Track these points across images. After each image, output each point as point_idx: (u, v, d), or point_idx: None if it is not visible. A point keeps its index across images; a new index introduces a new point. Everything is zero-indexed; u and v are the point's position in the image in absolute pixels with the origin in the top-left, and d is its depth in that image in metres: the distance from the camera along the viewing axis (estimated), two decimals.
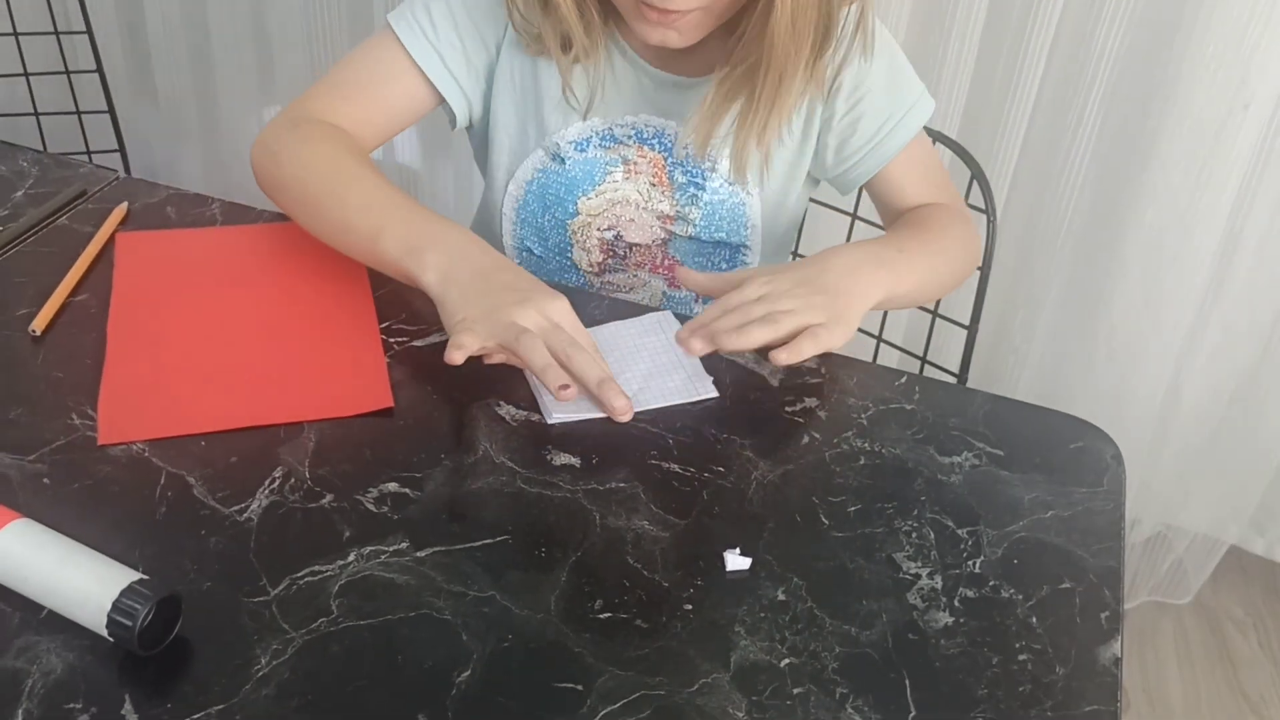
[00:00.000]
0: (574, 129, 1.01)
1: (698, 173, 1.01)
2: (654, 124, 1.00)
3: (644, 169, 1.02)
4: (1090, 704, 0.64)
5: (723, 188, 1.02)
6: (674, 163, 1.01)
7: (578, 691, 0.62)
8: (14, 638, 0.63)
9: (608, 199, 1.03)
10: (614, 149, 1.02)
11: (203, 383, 0.80)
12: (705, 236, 1.05)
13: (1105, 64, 1.37)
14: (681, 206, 1.03)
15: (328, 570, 0.68)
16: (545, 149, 1.02)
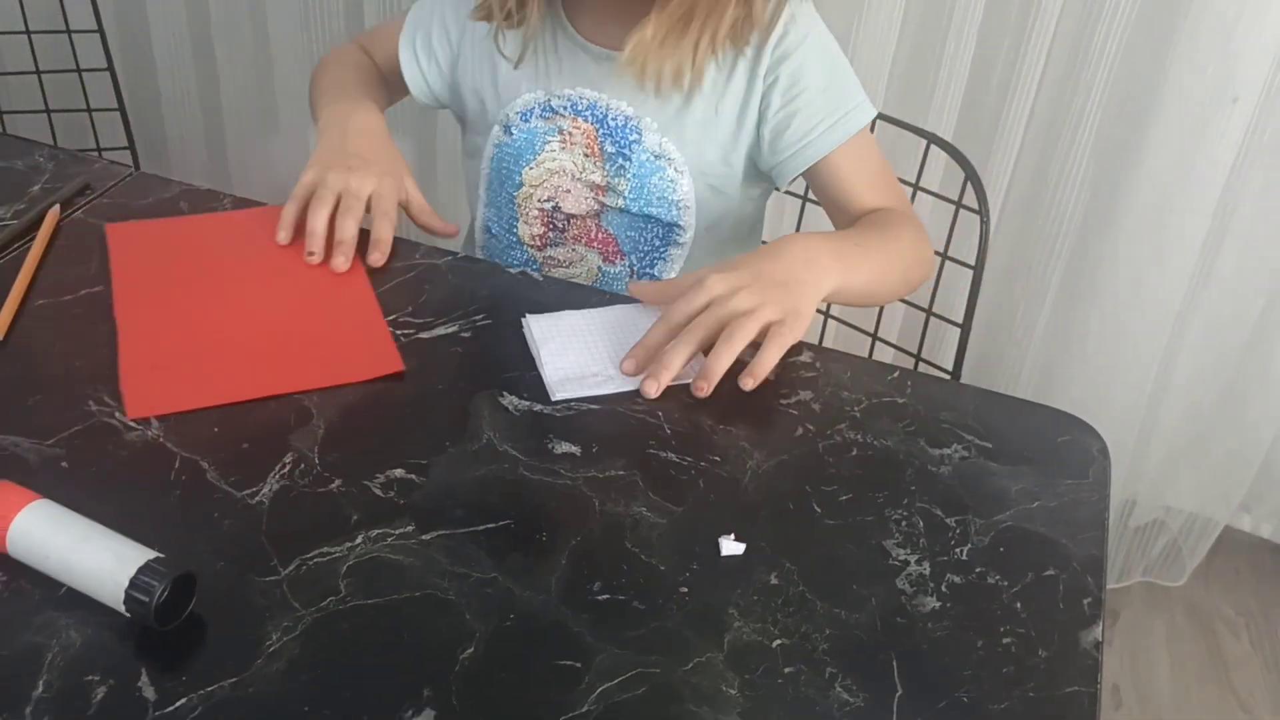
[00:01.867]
0: (520, 100, 1.07)
1: (625, 143, 1.05)
2: (588, 96, 1.05)
3: (578, 139, 1.07)
4: (1071, 685, 0.67)
5: (648, 161, 1.05)
6: (604, 133, 1.06)
7: (576, 669, 0.65)
8: (34, 614, 0.65)
9: (546, 169, 1.09)
10: (552, 119, 1.07)
11: (219, 356, 0.84)
12: (635, 209, 1.08)
13: (1102, 65, 1.40)
14: (611, 177, 1.07)
15: (336, 552, 0.70)
16: (499, 123, 1.09)
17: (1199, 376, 1.66)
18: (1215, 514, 1.80)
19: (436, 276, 0.95)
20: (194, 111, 1.96)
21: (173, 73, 1.93)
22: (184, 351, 0.84)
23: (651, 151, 1.05)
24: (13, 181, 1.01)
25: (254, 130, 1.95)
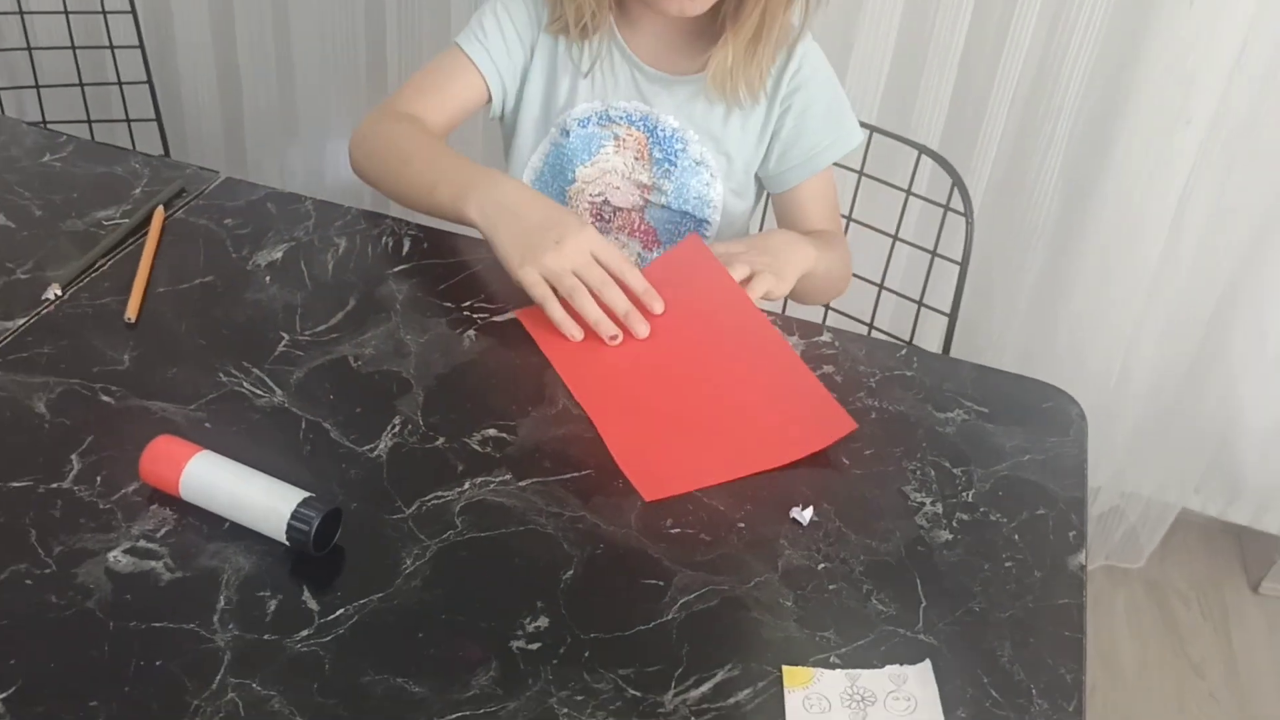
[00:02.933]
0: (579, 109, 1.21)
1: (672, 151, 1.21)
2: (641, 109, 1.20)
3: (630, 145, 1.22)
4: (1062, 598, 0.81)
5: (690, 166, 1.22)
6: (654, 141, 1.21)
7: (660, 586, 0.78)
8: (206, 544, 0.78)
9: (600, 168, 1.23)
10: (608, 126, 1.21)
11: (691, 439, 0.91)
12: (675, 206, 1.24)
13: (1071, 85, 1.55)
14: (658, 179, 1.23)
15: (448, 495, 0.83)
16: (557, 127, 1.22)
17: (1158, 370, 1.80)
18: (1171, 498, 1.95)
19: (501, 269, 1.08)
20: (215, 121, 2.06)
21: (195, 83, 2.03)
22: (660, 433, 0.92)
23: (693, 159, 1.21)
24: (116, 186, 1.13)
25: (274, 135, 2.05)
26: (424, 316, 1.01)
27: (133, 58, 1.76)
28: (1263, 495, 1.93)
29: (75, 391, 0.89)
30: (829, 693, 0.73)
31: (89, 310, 0.97)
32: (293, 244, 1.08)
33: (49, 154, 1.17)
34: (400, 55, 1.88)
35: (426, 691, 0.70)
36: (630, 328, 0.99)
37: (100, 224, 1.07)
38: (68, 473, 0.82)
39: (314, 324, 0.98)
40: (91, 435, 0.85)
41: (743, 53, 1.12)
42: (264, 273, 1.04)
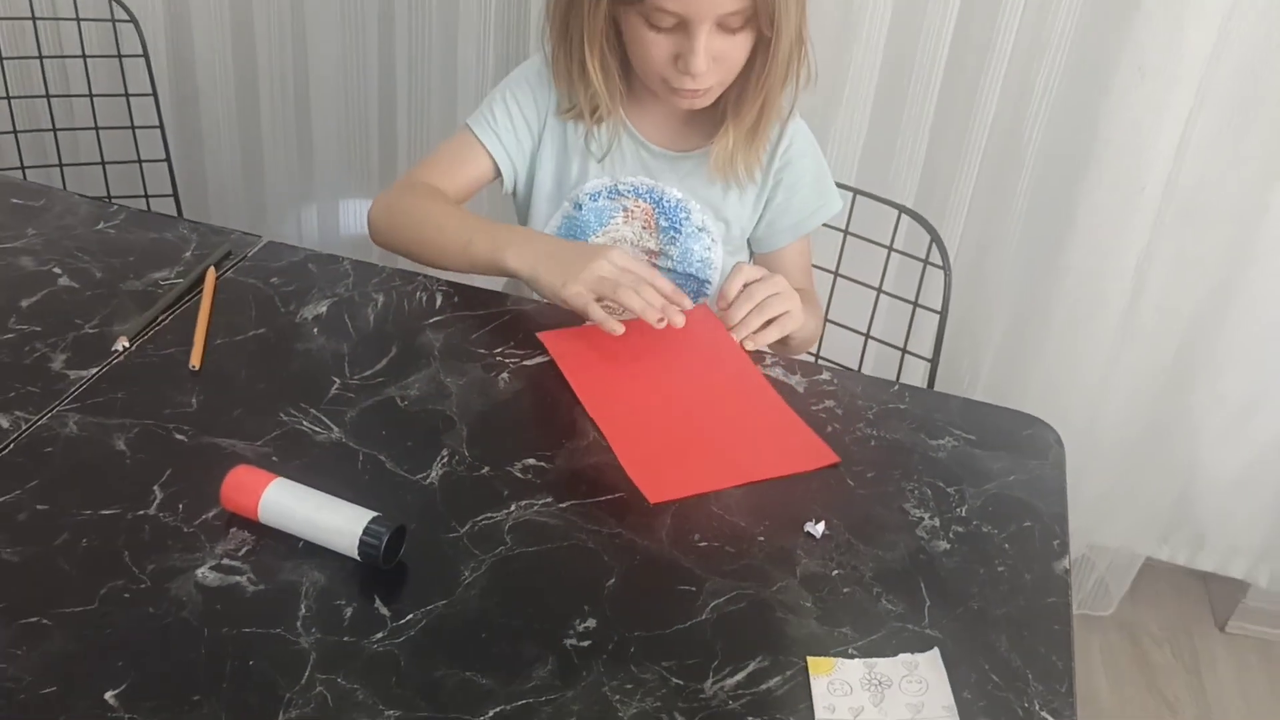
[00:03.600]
0: (590, 184, 1.32)
1: (677, 220, 1.32)
2: (647, 183, 1.31)
3: (638, 215, 1.33)
4: (1050, 597, 0.91)
5: (693, 233, 1.33)
6: (660, 212, 1.32)
7: (692, 591, 0.87)
8: (284, 561, 0.86)
9: (610, 237, 1.34)
10: (617, 199, 1.32)
11: (692, 449, 1.02)
12: (680, 269, 1.35)
13: (1033, 148, 1.67)
14: (664, 245, 1.34)
15: (497, 516, 0.92)
16: (570, 201, 1.33)
17: (1123, 424, 1.90)
18: (1139, 549, 2.04)
19: (525, 318, 1.18)
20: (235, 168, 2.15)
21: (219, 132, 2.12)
22: (663, 445, 1.02)
23: (696, 226, 1.32)
24: (168, 250, 1.23)
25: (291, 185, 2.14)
26: (461, 362, 1.10)
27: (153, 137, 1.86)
28: (1227, 543, 2.01)
29: (151, 431, 0.97)
30: (850, 679, 0.82)
31: (156, 360, 1.06)
32: (335, 300, 1.17)
33: (103, 222, 1.27)
34: (410, 129, 1.98)
35: (493, 684, 0.78)
36: (669, 317, 1.10)
37: (157, 284, 1.17)
38: (152, 501, 0.90)
39: (362, 369, 1.07)
40: (170, 469, 0.93)
41: (743, 139, 1.24)
42: (311, 325, 1.13)
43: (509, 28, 1.83)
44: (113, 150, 1.88)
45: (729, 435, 1.05)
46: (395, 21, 1.89)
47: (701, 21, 1.12)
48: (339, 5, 1.91)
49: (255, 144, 2.10)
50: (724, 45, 1.15)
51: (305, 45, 1.97)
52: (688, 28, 1.13)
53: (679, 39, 1.14)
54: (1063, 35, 1.59)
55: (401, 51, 1.91)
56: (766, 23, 1.14)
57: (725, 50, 1.16)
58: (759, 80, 1.20)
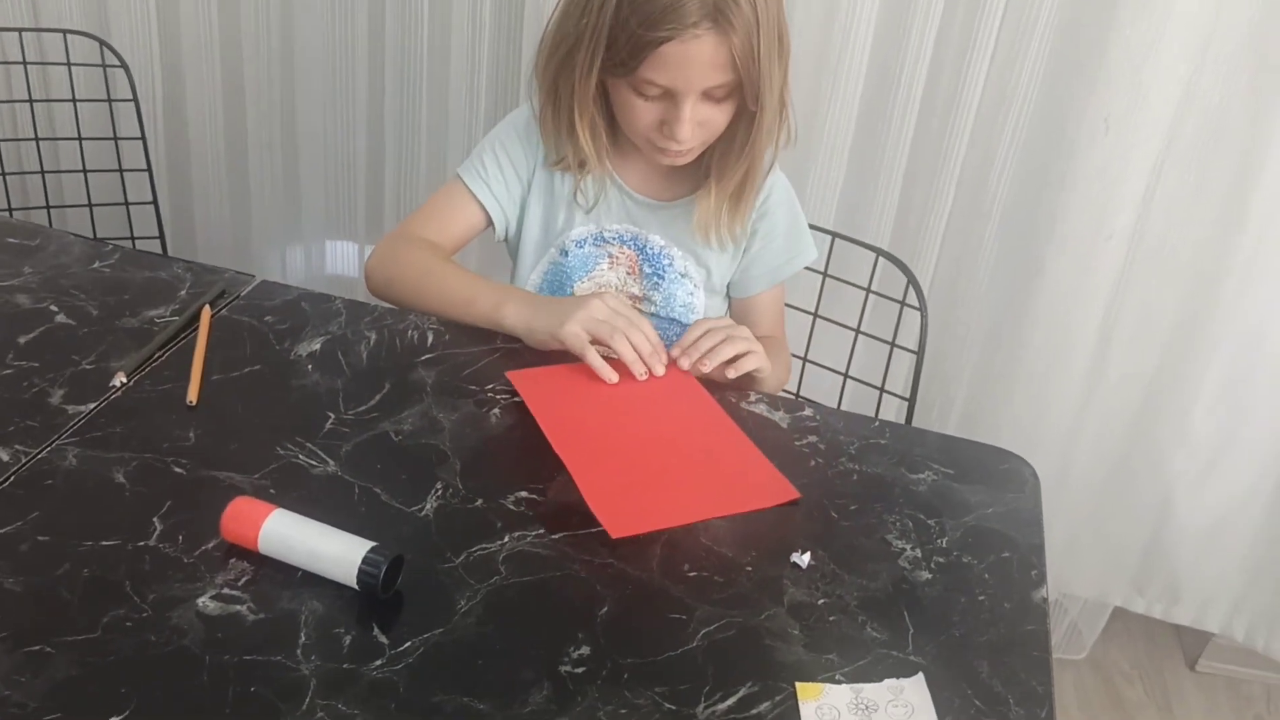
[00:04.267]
0: (576, 231, 1.36)
1: (660, 267, 1.36)
2: (631, 230, 1.36)
3: (622, 262, 1.37)
4: (1029, 625, 0.94)
5: (676, 279, 1.37)
6: (644, 259, 1.36)
7: (683, 619, 0.90)
8: (283, 590, 0.88)
9: (596, 283, 1.38)
10: (602, 246, 1.36)
11: (655, 486, 1.04)
12: (663, 314, 1.38)
13: (1000, 195, 1.72)
14: (648, 291, 1.38)
15: (492, 547, 0.94)
16: (556, 247, 1.37)
17: (1093, 472, 1.93)
18: (1109, 597, 2.06)
19: (516, 355, 1.21)
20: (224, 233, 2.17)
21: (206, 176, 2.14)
22: (627, 480, 1.04)
23: (679, 272, 1.36)
24: (162, 288, 1.25)
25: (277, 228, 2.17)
26: (453, 398, 1.13)
27: (139, 179, 1.88)
28: (1201, 596, 2.03)
29: (150, 464, 0.99)
30: (838, 703, 0.84)
31: (153, 395, 1.08)
32: (329, 337, 1.20)
33: (98, 261, 1.29)
34: (397, 173, 2.02)
35: (490, 708, 0.80)
36: (651, 368, 1.17)
37: (153, 321, 1.18)
38: (152, 533, 0.92)
39: (356, 405, 1.10)
40: (169, 501, 0.95)
41: (726, 204, 1.29)
42: (306, 362, 1.15)
43: (499, 74, 1.87)
44: (98, 193, 1.90)
45: (692, 471, 1.08)
46: (385, 67, 1.93)
47: (688, 94, 1.17)
48: (328, 50, 1.94)
49: (243, 188, 2.13)
50: (709, 113, 1.21)
51: (294, 90, 2.00)
52: (674, 97, 1.18)
53: (665, 106, 1.20)
54: (1029, 87, 1.64)
55: (391, 97, 1.95)
56: (751, 97, 1.19)
57: (709, 117, 1.21)
58: (743, 148, 1.25)
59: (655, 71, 1.16)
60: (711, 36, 1.13)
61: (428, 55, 1.88)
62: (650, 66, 1.16)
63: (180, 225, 2.14)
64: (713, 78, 1.16)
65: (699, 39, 1.13)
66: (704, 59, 1.15)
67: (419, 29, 1.86)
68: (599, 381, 1.16)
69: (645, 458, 1.09)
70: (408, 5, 1.84)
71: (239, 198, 2.14)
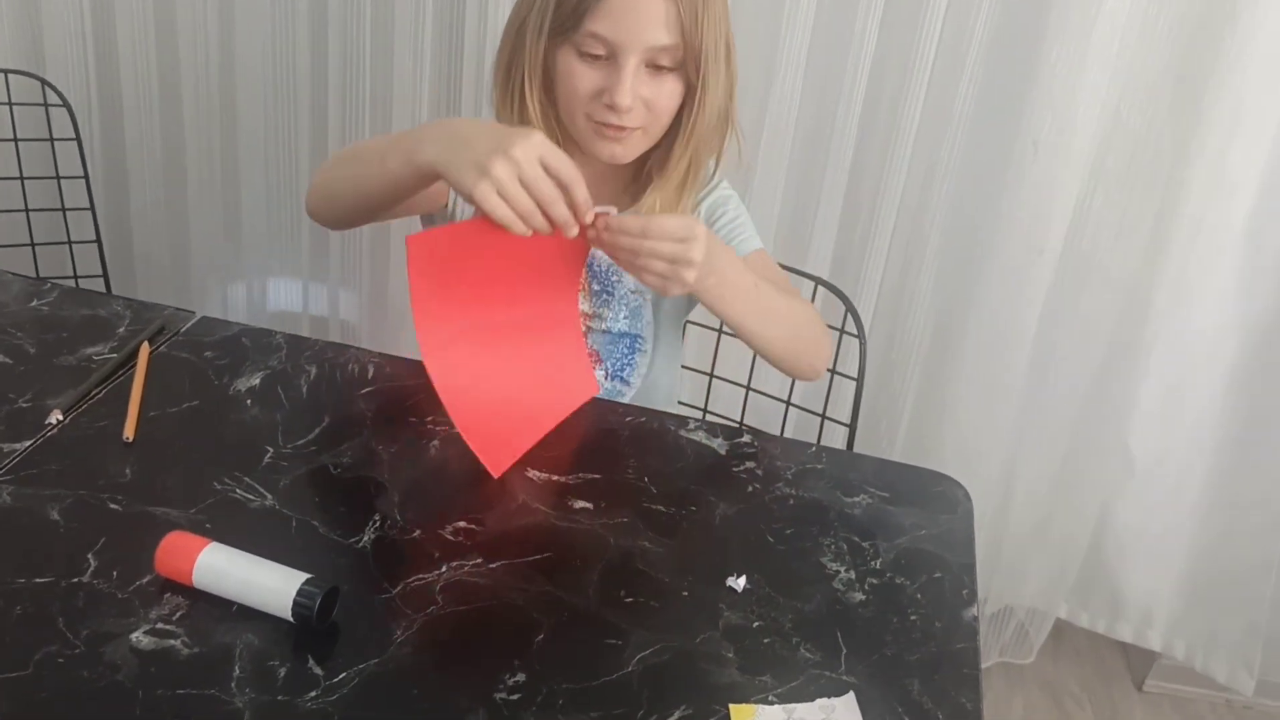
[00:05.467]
0: None
1: (609, 283, 1.35)
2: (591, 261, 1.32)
3: None
4: (960, 643, 0.95)
5: (625, 294, 1.35)
6: (592, 275, 1.34)
7: (618, 645, 0.90)
8: (218, 624, 0.88)
9: None
10: None
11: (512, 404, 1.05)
12: (614, 330, 1.37)
13: (939, 220, 1.76)
14: (597, 309, 1.36)
15: (428, 577, 0.95)
16: None
17: (1033, 485, 1.98)
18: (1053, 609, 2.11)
19: None
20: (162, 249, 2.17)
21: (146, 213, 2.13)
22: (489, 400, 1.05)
23: (628, 287, 1.35)
24: (101, 326, 1.25)
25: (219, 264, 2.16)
26: (392, 430, 1.13)
27: (84, 218, 1.88)
28: (1141, 613, 2.08)
29: (85, 501, 0.99)
30: None
31: (90, 432, 1.08)
32: (269, 372, 1.20)
33: (36, 299, 1.29)
34: None
35: None
36: (564, 231, 1.04)
37: (91, 359, 1.18)
38: (86, 569, 0.91)
39: (295, 438, 1.10)
40: (104, 537, 0.95)
41: (670, 199, 1.26)
42: (245, 397, 1.16)
43: (441, 100, 1.89)
44: (41, 232, 1.89)
45: (533, 377, 1.10)
46: (328, 101, 1.94)
47: (630, 51, 1.15)
48: (269, 82, 1.94)
49: (183, 226, 2.12)
50: (652, 89, 1.19)
51: (235, 123, 2.00)
52: (616, 59, 1.16)
53: (607, 73, 1.17)
54: (963, 114, 1.69)
55: (334, 131, 1.95)
56: (694, 68, 1.18)
57: (653, 95, 1.19)
58: (686, 134, 1.22)
59: (599, 21, 1.14)
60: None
61: (370, 88, 1.89)
62: (594, 15, 1.14)
63: (123, 264, 2.13)
64: (657, 35, 1.15)
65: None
66: (650, 10, 1.14)
67: (361, 64, 1.87)
68: (498, 237, 1.03)
69: (502, 362, 1.09)
70: (349, 41, 1.86)
71: (179, 235, 2.13)
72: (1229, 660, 2.03)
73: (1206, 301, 1.78)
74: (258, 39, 1.90)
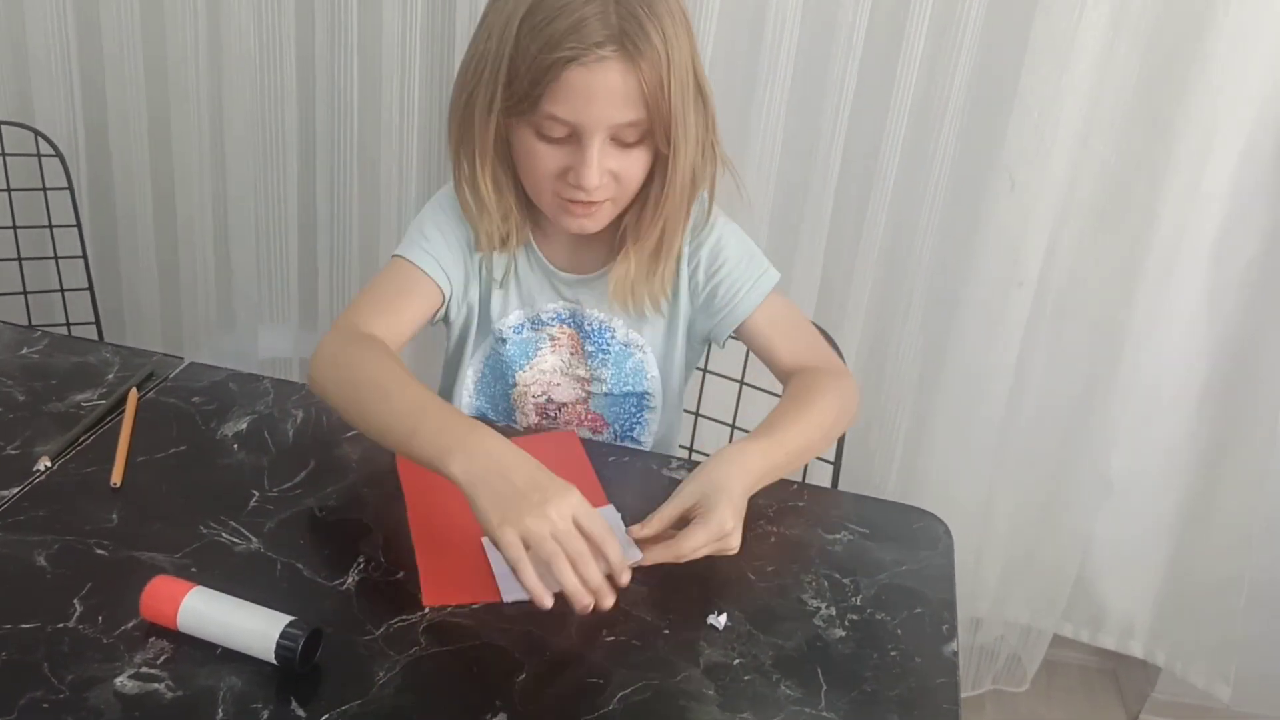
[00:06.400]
0: (512, 317, 1.30)
1: (603, 341, 1.31)
2: (567, 307, 1.30)
3: (564, 342, 1.32)
4: (940, 678, 0.96)
5: (621, 350, 1.31)
6: (584, 335, 1.31)
7: (600, 683, 0.91)
8: (201, 667, 0.89)
9: (539, 370, 1.32)
10: (541, 330, 1.31)
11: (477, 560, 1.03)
12: (616, 391, 1.33)
13: (923, 255, 1.79)
14: (595, 370, 1.32)
15: (412, 619, 0.96)
16: (494, 335, 1.31)
17: (1017, 509, 1.99)
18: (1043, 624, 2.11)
19: None
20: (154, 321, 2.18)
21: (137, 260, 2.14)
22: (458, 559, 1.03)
23: (622, 342, 1.31)
24: (90, 373, 1.26)
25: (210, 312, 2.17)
26: (378, 472, 1.14)
27: (76, 266, 1.90)
28: (1123, 624, 2.12)
29: (72, 546, 1.00)
30: None
31: (77, 478, 1.09)
32: (256, 416, 1.21)
33: (26, 347, 1.30)
34: (331, 253, 2.04)
35: None
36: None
37: (80, 406, 1.20)
38: (72, 614, 0.92)
39: (281, 482, 1.11)
40: (90, 582, 0.96)
41: (645, 266, 1.22)
42: (232, 441, 1.17)
43: (429, 152, 1.91)
44: (33, 280, 1.91)
45: None
46: (315, 147, 1.96)
47: (594, 132, 1.10)
48: (259, 132, 1.97)
49: (174, 275, 2.13)
50: (619, 162, 1.13)
51: (225, 173, 2.03)
52: (580, 139, 1.11)
53: (571, 151, 1.12)
54: (944, 151, 1.71)
55: (323, 177, 1.98)
56: (663, 139, 1.12)
57: (621, 167, 1.14)
58: (657, 202, 1.18)
59: (558, 104, 1.08)
60: (618, 63, 1.07)
61: (358, 134, 1.91)
62: (552, 98, 1.08)
63: (111, 313, 2.14)
64: (621, 112, 1.09)
65: (604, 62, 1.06)
66: (610, 88, 1.08)
67: (349, 120, 1.90)
68: None
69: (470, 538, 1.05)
70: (336, 89, 1.88)
71: (170, 284, 2.14)
72: (1206, 670, 2.06)
73: (1178, 324, 1.82)
74: (246, 87, 1.93)
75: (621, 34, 1.06)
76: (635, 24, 1.07)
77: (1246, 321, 1.83)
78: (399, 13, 1.80)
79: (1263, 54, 1.62)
